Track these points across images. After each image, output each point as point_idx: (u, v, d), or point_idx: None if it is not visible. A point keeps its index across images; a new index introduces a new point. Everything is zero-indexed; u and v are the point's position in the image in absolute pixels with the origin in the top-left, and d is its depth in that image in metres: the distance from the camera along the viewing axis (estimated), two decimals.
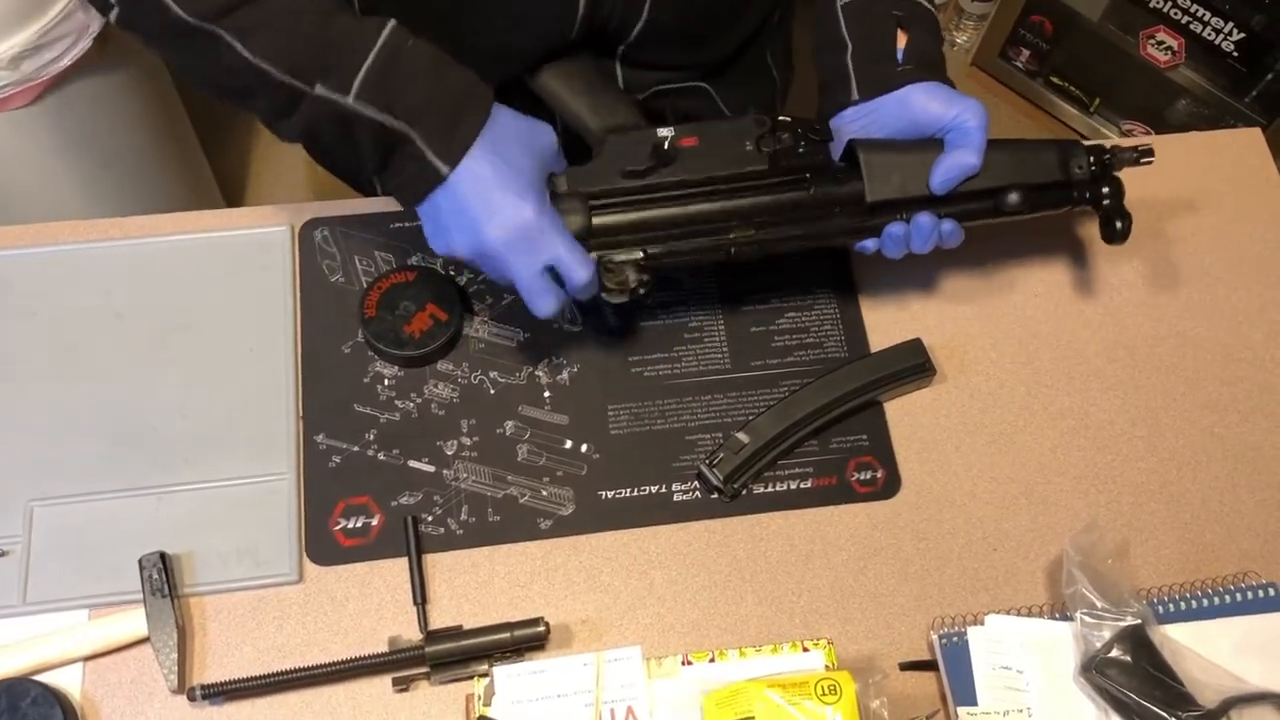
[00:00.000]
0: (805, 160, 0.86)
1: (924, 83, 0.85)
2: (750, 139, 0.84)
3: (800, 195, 0.85)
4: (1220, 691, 0.80)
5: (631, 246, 0.83)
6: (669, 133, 0.83)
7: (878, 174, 0.85)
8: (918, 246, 0.87)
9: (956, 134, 0.85)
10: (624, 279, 0.82)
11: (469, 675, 0.81)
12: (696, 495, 0.91)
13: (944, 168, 0.84)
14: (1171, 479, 0.93)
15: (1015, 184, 0.86)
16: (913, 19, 0.88)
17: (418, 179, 0.77)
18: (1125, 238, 0.88)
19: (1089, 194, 0.89)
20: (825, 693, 0.77)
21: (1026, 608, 0.86)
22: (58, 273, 0.96)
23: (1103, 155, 0.89)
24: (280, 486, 0.88)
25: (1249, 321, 1.00)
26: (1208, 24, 1.85)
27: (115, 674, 0.82)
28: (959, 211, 0.86)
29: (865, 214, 0.86)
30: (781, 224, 0.85)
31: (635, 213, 0.83)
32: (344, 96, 0.75)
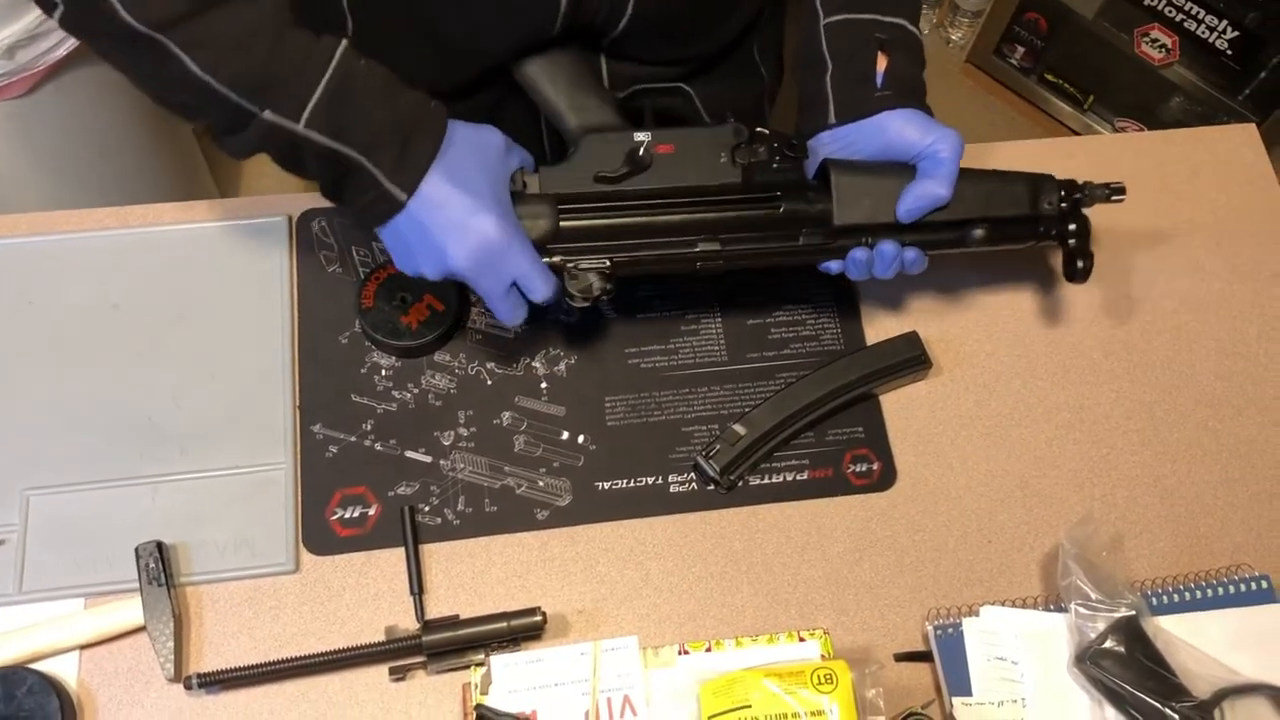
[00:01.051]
0: (778, 176, 0.85)
1: (901, 109, 0.85)
2: (726, 150, 0.84)
3: (769, 213, 0.85)
4: (1213, 682, 0.81)
5: (597, 253, 0.83)
6: (645, 137, 0.83)
7: (847, 197, 0.85)
8: (880, 272, 0.87)
9: (929, 163, 0.84)
10: (588, 285, 0.82)
11: (465, 665, 0.82)
12: (693, 487, 0.91)
13: (912, 197, 0.84)
14: (1166, 472, 0.94)
15: (982, 217, 0.86)
16: (895, 42, 0.87)
17: (375, 206, 0.77)
18: (1086, 277, 0.88)
19: (1055, 230, 0.88)
20: (821, 682, 0.77)
21: (1021, 599, 0.87)
22: (54, 263, 0.95)
23: (1074, 192, 0.88)
24: (277, 476, 0.88)
25: (1243, 316, 1.01)
26: (1202, 22, 1.86)
27: (111, 663, 0.82)
28: (923, 241, 0.86)
29: (831, 236, 0.86)
30: (747, 240, 0.85)
31: (602, 219, 0.83)
32: (294, 124, 0.73)
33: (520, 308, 0.81)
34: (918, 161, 0.85)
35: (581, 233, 0.83)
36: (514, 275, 0.79)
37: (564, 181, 0.82)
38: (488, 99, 0.99)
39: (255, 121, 0.73)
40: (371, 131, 0.75)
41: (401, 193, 0.76)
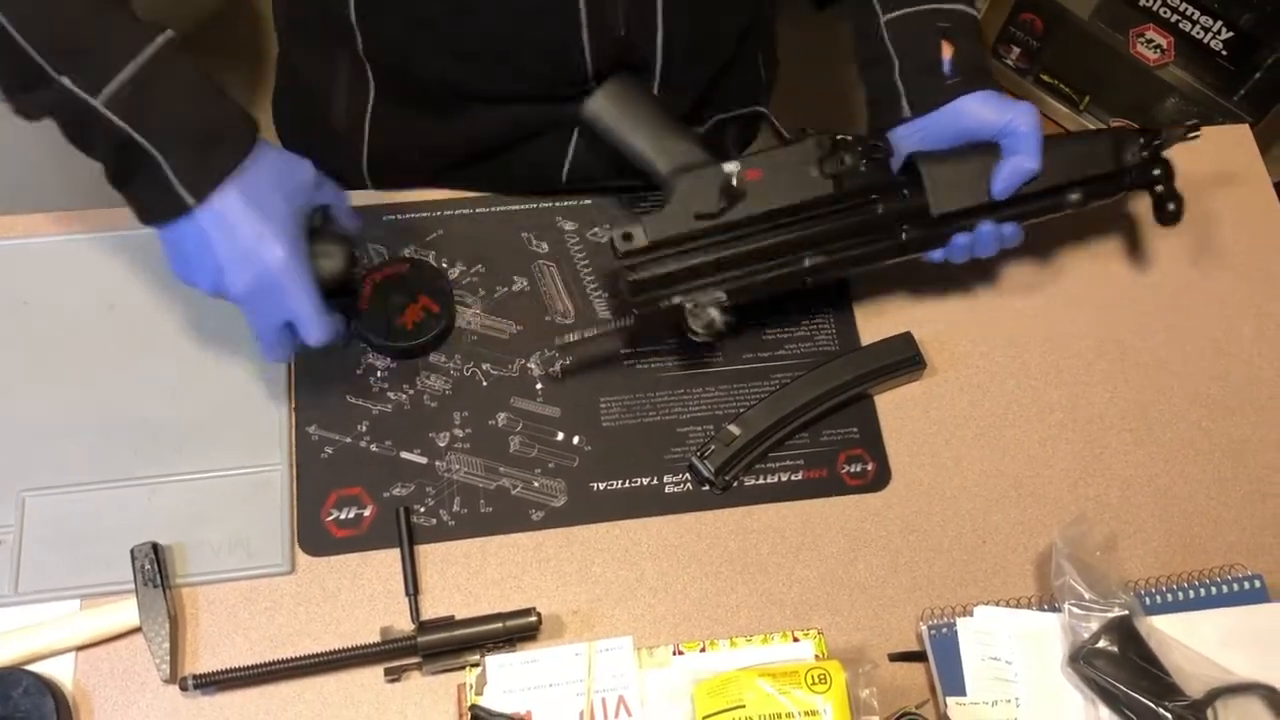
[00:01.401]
0: (868, 179, 0.87)
1: (974, 93, 0.86)
2: (813, 163, 0.85)
3: (868, 216, 0.87)
4: (1206, 682, 0.81)
5: (712, 287, 0.85)
6: (734, 167, 0.84)
7: (941, 187, 0.87)
8: (982, 252, 0.89)
9: (1012, 139, 0.86)
10: (710, 321, 0.83)
11: (461, 665, 0.82)
12: (688, 487, 0.91)
13: (1004, 174, 0.86)
14: (1160, 472, 0.94)
15: (1073, 180, 0.88)
16: (956, 28, 0.88)
17: (159, 204, 0.74)
18: (1178, 218, 0.90)
19: (1142, 178, 0.91)
20: (815, 682, 0.77)
21: (1015, 599, 0.87)
22: (51, 264, 0.96)
23: (1154, 138, 0.90)
24: (273, 477, 0.88)
25: (1238, 316, 1.01)
26: (1197, 22, 1.86)
27: (107, 664, 0.82)
28: (1020, 213, 0.89)
29: (931, 226, 0.88)
30: (852, 246, 0.87)
31: (712, 254, 0.85)
32: (91, 98, 0.70)
33: (285, 348, 0.80)
34: (1000, 139, 0.87)
35: (694, 271, 0.85)
36: (290, 314, 0.78)
37: (668, 226, 0.83)
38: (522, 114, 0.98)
39: (53, 85, 0.70)
40: (173, 127, 0.72)
41: (190, 197, 0.73)
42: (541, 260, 0.99)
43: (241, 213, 0.74)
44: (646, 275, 0.84)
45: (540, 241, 1.00)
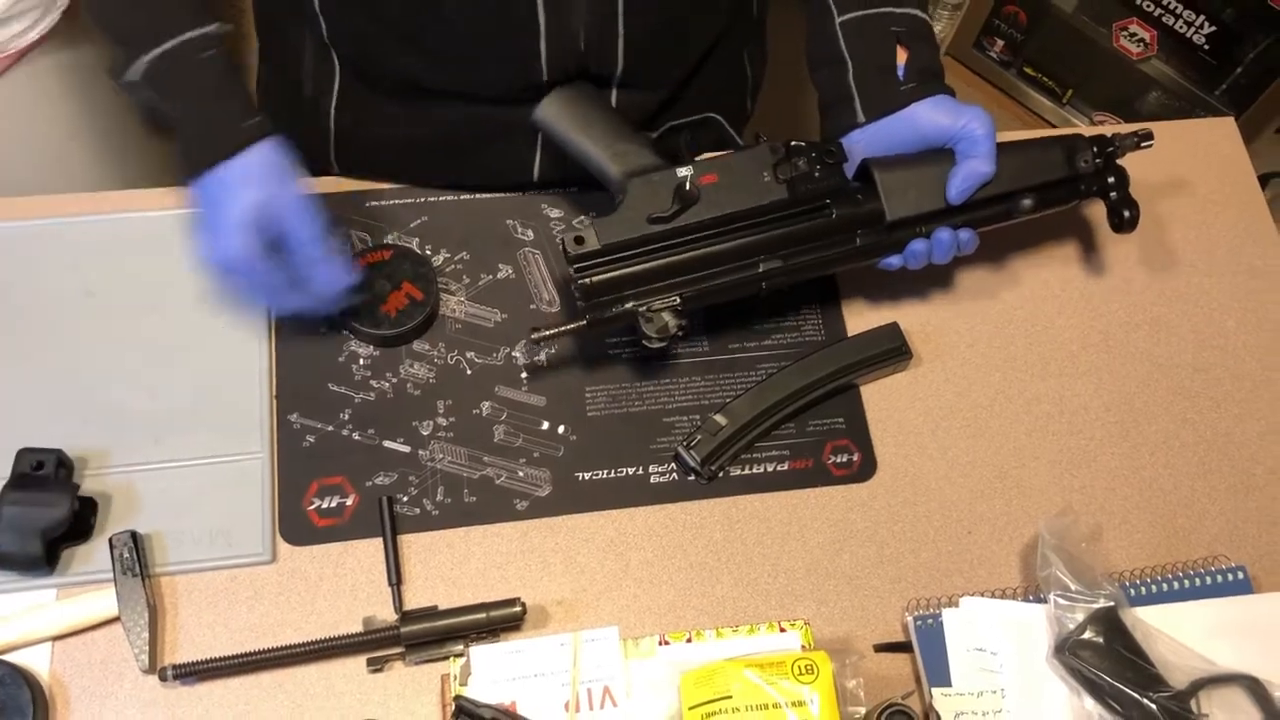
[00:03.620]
0: (822, 184, 0.86)
1: (929, 98, 0.86)
2: (767, 168, 0.85)
3: (822, 221, 0.86)
4: (1190, 673, 0.81)
5: (666, 292, 0.84)
6: (688, 171, 0.84)
7: (895, 192, 0.86)
8: (939, 258, 0.88)
9: (966, 143, 0.86)
10: (664, 325, 0.83)
11: (444, 656, 0.81)
12: (674, 477, 0.90)
13: (959, 178, 0.86)
14: (1144, 464, 0.94)
15: (1027, 186, 0.88)
16: (911, 33, 0.88)
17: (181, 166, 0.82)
18: (1134, 226, 0.90)
19: (1096, 186, 0.91)
20: (802, 672, 0.77)
21: (1001, 590, 0.87)
22: (27, 248, 0.94)
23: (1106, 146, 0.90)
24: (253, 466, 0.87)
25: (1222, 309, 1.01)
26: (1179, 16, 1.87)
27: (85, 654, 0.81)
28: (974, 219, 0.88)
29: (886, 232, 0.87)
30: (807, 251, 0.87)
31: (665, 258, 0.84)
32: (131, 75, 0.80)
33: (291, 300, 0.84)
34: (954, 144, 0.87)
35: (647, 275, 0.84)
36: None
37: (620, 229, 0.83)
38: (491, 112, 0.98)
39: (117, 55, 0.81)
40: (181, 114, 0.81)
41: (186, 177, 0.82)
42: (526, 248, 0.98)
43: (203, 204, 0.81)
44: (599, 279, 0.83)
45: (525, 229, 0.99)
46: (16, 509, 0.79)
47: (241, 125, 0.81)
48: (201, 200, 0.81)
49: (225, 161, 0.80)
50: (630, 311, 0.83)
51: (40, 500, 0.80)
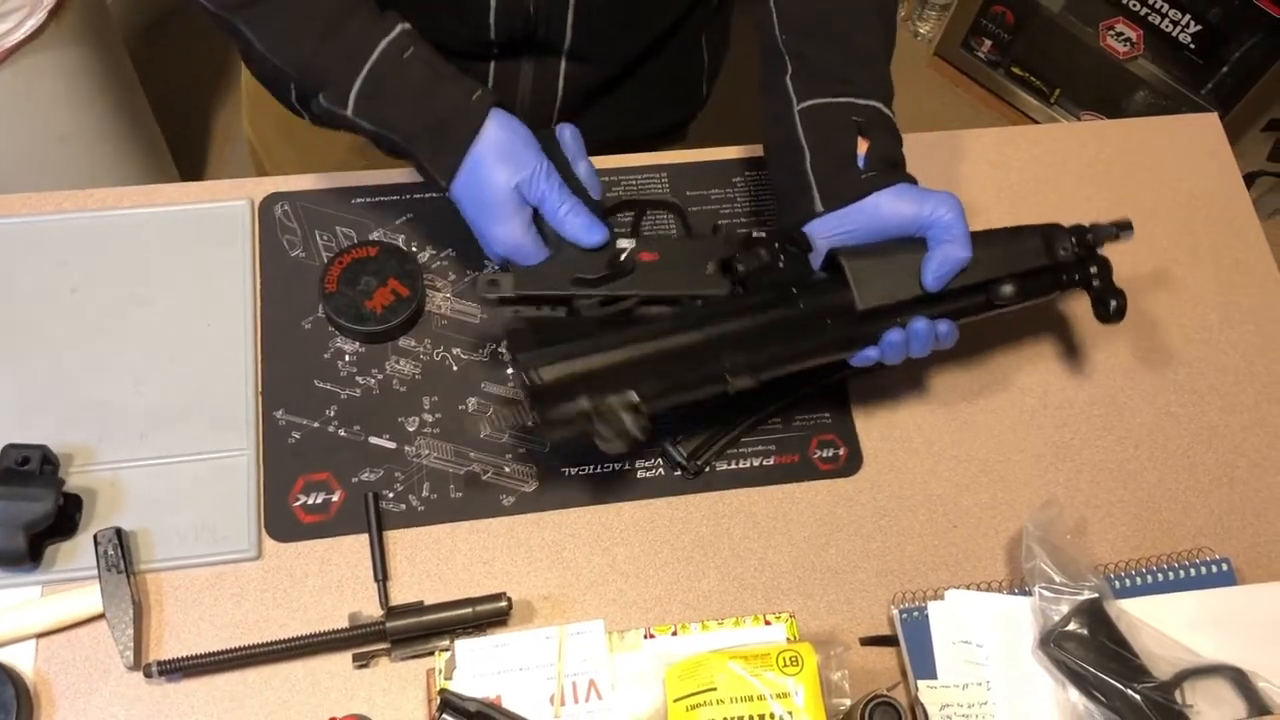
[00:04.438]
0: (786, 275, 0.82)
1: (890, 187, 0.82)
2: (714, 260, 0.82)
3: (788, 311, 0.80)
4: (1174, 664, 0.81)
5: (620, 388, 0.76)
6: (629, 244, 0.82)
7: (865, 281, 0.80)
8: (916, 351, 0.83)
9: (938, 229, 0.81)
10: (621, 425, 0.75)
11: (430, 651, 0.81)
12: (660, 472, 0.90)
13: (935, 263, 0.80)
14: (1129, 457, 0.94)
15: (1006, 274, 0.83)
16: (872, 124, 0.83)
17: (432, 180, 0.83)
18: (1121, 316, 0.85)
19: (1077, 275, 0.86)
20: (787, 664, 0.77)
21: (986, 583, 0.87)
22: (12, 246, 0.94)
23: (1084, 234, 0.86)
24: (239, 462, 0.87)
25: (1205, 303, 1.02)
26: (1165, 16, 1.88)
27: (69, 651, 0.81)
28: (953, 309, 0.83)
29: (858, 323, 0.81)
30: (772, 344, 0.80)
31: (618, 351, 0.77)
32: (343, 109, 0.81)
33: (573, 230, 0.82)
34: (924, 232, 0.82)
35: (603, 370, 0.76)
36: None
37: (539, 281, 0.81)
38: None
39: (315, 103, 0.82)
40: (408, 127, 0.81)
41: (444, 179, 0.82)
42: None
43: (467, 191, 0.82)
44: (549, 377, 0.75)
45: None
46: (1, 503, 0.79)
47: (468, 106, 0.80)
48: (463, 200, 0.82)
49: (469, 153, 0.80)
50: (585, 409, 0.75)
51: (25, 495, 0.80)
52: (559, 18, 0.91)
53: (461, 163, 0.80)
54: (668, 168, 1.03)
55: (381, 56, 0.80)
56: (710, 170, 1.03)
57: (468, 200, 0.82)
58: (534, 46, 0.96)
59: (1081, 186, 1.06)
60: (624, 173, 1.02)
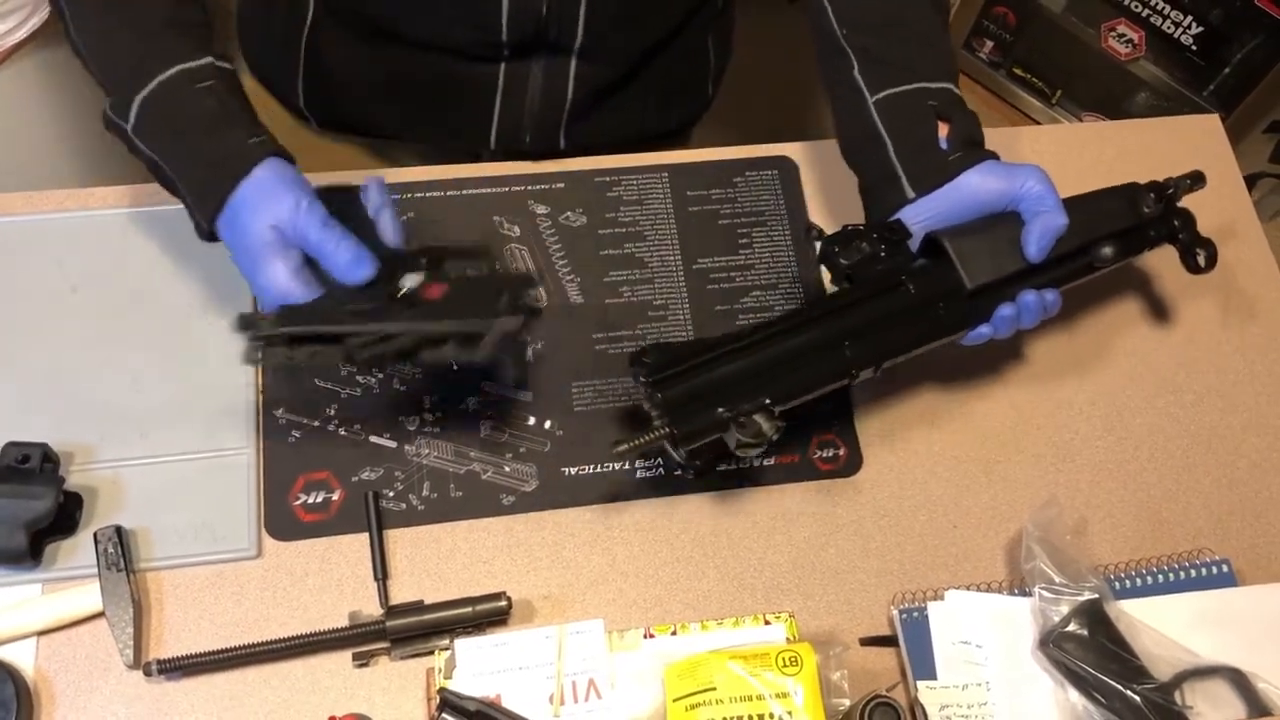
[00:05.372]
0: (891, 263, 0.83)
1: (977, 165, 0.83)
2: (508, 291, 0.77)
3: (902, 298, 0.82)
4: (1173, 665, 0.81)
5: (752, 395, 0.78)
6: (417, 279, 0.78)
7: (970, 260, 0.82)
8: (1027, 323, 0.84)
9: (1030, 201, 0.82)
10: (758, 429, 0.76)
11: (430, 650, 0.81)
12: (660, 472, 0.90)
13: (1035, 234, 0.82)
14: (1129, 458, 0.94)
15: (1100, 235, 0.85)
16: (949, 105, 0.85)
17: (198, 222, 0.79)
18: (1212, 266, 0.89)
19: (1165, 230, 0.89)
20: (786, 664, 0.77)
21: (985, 583, 0.87)
22: (12, 245, 0.94)
23: (1164, 190, 0.88)
24: (239, 461, 0.87)
25: (1206, 305, 1.02)
26: (1167, 17, 1.87)
27: (69, 649, 0.81)
28: (1056, 277, 0.85)
29: (969, 302, 0.83)
30: (890, 332, 0.82)
31: (744, 359, 0.79)
32: (124, 121, 0.77)
33: None
34: (1017, 205, 0.83)
35: (729, 378, 0.79)
36: None
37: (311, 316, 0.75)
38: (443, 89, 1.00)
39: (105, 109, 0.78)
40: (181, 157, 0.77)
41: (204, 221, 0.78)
42: (513, 244, 0.98)
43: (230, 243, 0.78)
44: (676, 390, 0.77)
45: (512, 225, 0.99)
46: (1, 501, 0.79)
47: (244, 148, 0.77)
48: (230, 246, 0.78)
49: (231, 195, 0.76)
50: (721, 419, 0.77)
51: (25, 493, 0.80)
52: (571, 16, 0.92)
53: (223, 206, 0.76)
54: (668, 168, 1.03)
55: (177, 76, 0.76)
56: (711, 170, 1.03)
57: (232, 246, 0.78)
58: (544, 47, 0.96)
59: (1083, 188, 1.05)
60: (625, 173, 1.02)
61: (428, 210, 0.99)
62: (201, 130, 0.77)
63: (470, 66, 0.94)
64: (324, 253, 0.77)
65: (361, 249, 0.77)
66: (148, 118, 0.77)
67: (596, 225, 1.00)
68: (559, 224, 0.99)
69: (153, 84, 0.76)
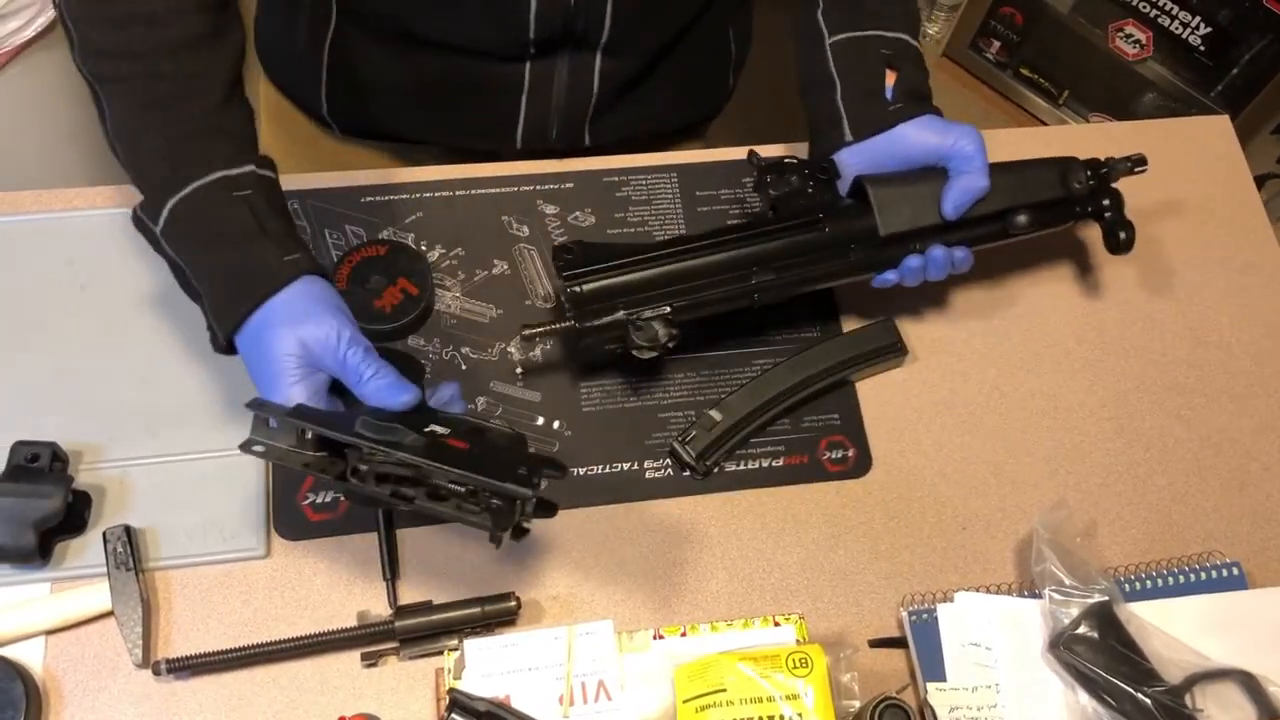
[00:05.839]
0: (814, 200, 0.87)
1: (916, 118, 0.87)
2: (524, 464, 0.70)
3: (815, 235, 0.87)
4: (1184, 668, 0.81)
5: (657, 301, 0.83)
6: (444, 430, 0.73)
7: (888, 208, 0.87)
8: (934, 275, 0.88)
9: (958, 160, 0.86)
10: (653, 334, 0.81)
11: (439, 650, 0.81)
12: (669, 472, 0.90)
13: (954, 193, 0.86)
14: (1139, 460, 0.94)
15: (1021, 204, 0.88)
16: (900, 56, 0.88)
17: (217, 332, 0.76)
18: (1129, 247, 0.91)
19: (1090, 208, 0.91)
20: (796, 666, 0.77)
21: (995, 585, 0.87)
22: (20, 242, 0.94)
23: (1099, 168, 0.91)
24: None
25: (1216, 305, 1.02)
26: (1175, 18, 1.87)
27: (78, 648, 0.81)
28: (969, 237, 0.89)
29: (880, 248, 0.87)
30: (800, 265, 0.87)
31: (657, 267, 0.84)
32: (154, 224, 0.75)
33: None
34: (946, 162, 0.87)
35: (638, 285, 0.84)
36: None
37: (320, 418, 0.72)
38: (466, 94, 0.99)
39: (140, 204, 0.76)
40: (207, 263, 0.75)
41: (222, 330, 0.75)
42: (522, 244, 0.98)
43: (249, 354, 0.75)
44: (590, 287, 0.83)
45: (521, 225, 0.99)
46: (10, 500, 0.79)
47: (279, 264, 0.73)
48: (247, 361, 0.75)
49: (259, 308, 0.72)
50: (621, 320, 0.82)
51: (34, 492, 0.80)
52: (598, 10, 0.92)
53: (242, 324, 0.73)
54: (677, 168, 1.03)
55: (213, 184, 0.73)
56: (721, 171, 1.03)
57: (249, 362, 0.75)
58: (570, 44, 0.96)
59: None
60: (634, 173, 1.02)
61: (437, 210, 0.99)
62: (230, 243, 0.74)
63: (496, 67, 0.94)
64: (362, 376, 0.73)
65: (403, 380, 0.74)
66: (178, 224, 0.74)
67: (605, 225, 1.00)
68: (568, 224, 0.99)
69: (187, 189, 0.73)
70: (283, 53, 1.09)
